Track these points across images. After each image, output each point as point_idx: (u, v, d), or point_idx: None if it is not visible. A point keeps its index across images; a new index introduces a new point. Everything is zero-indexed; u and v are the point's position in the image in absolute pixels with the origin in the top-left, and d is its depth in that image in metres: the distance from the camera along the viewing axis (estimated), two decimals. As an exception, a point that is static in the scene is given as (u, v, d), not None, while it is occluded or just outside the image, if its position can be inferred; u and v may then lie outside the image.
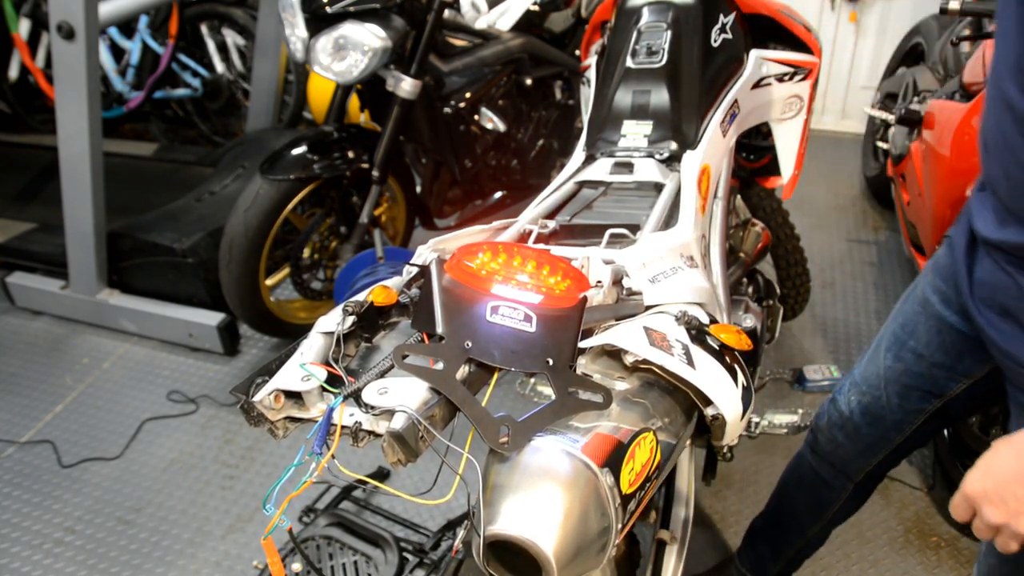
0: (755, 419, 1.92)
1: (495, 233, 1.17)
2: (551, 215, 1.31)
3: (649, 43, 1.59)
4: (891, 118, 3.04)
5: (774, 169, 2.05)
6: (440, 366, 0.79)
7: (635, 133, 1.53)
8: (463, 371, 0.81)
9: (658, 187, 1.40)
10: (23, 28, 4.09)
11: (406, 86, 2.41)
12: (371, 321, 0.91)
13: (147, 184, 3.77)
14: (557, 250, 1.03)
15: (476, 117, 2.75)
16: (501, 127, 2.80)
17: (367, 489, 2.11)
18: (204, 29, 4.17)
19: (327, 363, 0.83)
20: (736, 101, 1.65)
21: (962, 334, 1.17)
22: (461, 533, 1.17)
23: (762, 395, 2.51)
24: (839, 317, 2.91)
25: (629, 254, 1.01)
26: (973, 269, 1.05)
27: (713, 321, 1.00)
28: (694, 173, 1.39)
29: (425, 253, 1.01)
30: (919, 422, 1.30)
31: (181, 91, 4.27)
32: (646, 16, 1.62)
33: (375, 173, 2.48)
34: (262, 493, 2.22)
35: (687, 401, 0.89)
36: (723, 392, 0.88)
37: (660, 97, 1.55)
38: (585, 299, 0.85)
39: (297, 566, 1.75)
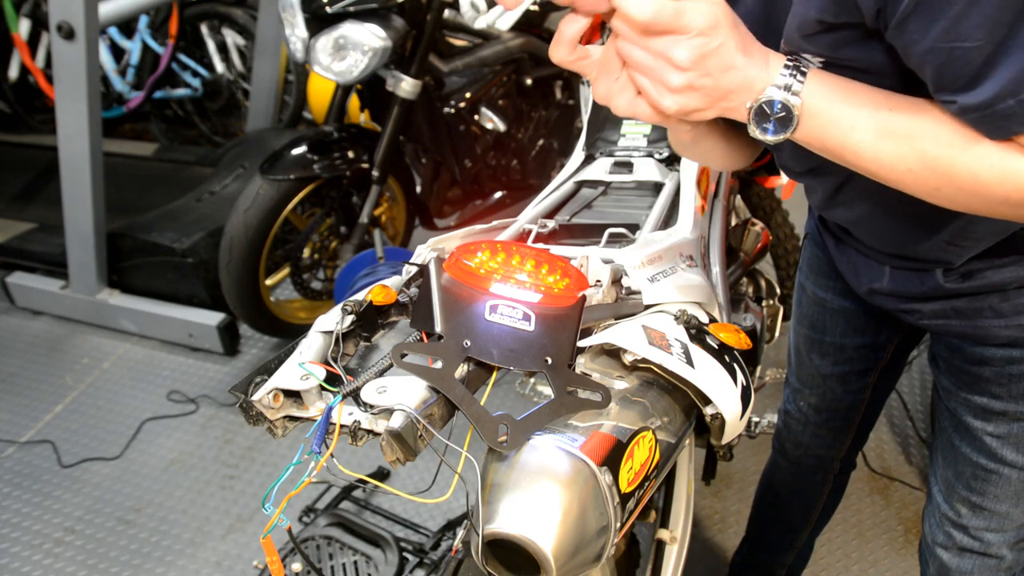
0: (755, 419, 1.92)
1: (494, 232, 1.17)
2: (550, 214, 1.31)
3: None
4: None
5: (774, 169, 2.04)
6: (439, 365, 0.78)
7: (634, 133, 1.53)
8: (462, 370, 0.81)
9: (657, 187, 1.40)
10: (23, 28, 4.09)
11: (406, 86, 2.41)
12: (370, 320, 0.91)
13: (147, 184, 3.76)
14: (556, 249, 1.03)
15: (476, 117, 2.75)
16: (501, 127, 2.80)
17: (367, 489, 2.11)
18: (204, 29, 4.16)
19: (326, 362, 0.83)
20: (736, 100, 1.64)
21: (869, 314, 1.23)
22: (461, 533, 1.17)
23: (762, 395, 2.50)
24: (839, 317, 2.91)
25: (628, 253, 1.01)
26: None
27: (712, 320, 1.00)
28: (693, 173, 1.39)
29: (424, 252, 1.01)
30: (868, 396, 1.38)
31: (181, 91, 4.27)
32: None
33: (375, 173, 2.48)
34: (262, 493, 2.22)
35: (686, 400, 0.89)
36: (722, 391, 0.88)
37: (660, 96, 1.54)
38: (584, 298, 0.84)
39: (297, 566, 1.75)
